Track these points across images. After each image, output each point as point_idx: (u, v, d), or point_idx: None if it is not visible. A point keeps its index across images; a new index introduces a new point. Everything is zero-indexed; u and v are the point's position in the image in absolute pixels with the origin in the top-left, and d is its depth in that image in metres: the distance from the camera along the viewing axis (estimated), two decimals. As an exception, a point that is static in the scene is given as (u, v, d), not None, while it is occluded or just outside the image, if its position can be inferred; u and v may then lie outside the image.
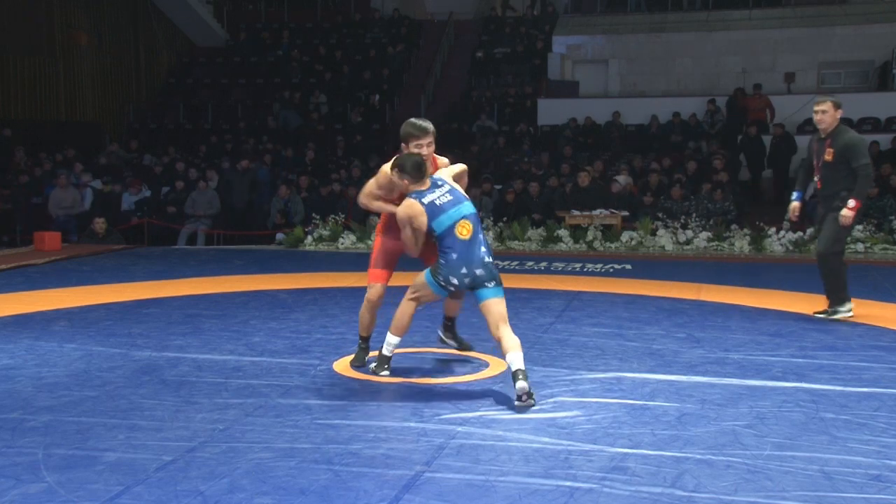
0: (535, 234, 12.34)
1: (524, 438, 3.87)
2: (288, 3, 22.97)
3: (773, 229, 12.06)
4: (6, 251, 11.56)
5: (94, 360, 5.40)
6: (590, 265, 10.08)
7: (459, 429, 4.00)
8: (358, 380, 4.92)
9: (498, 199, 13.71)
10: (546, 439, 3.86)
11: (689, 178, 13.92)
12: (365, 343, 5.32)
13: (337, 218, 13.00)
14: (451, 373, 5.09)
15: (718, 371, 5.11)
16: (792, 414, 4.23)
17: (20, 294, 8.01)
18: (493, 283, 4.70)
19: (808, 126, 16.62)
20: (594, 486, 3.32)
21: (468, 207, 4.80)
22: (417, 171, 4.80)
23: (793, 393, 4.61)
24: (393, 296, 5.39)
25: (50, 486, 3.31)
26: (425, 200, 4.74)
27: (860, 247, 11.51)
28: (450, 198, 4.78)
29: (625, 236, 12.24)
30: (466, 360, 5.42)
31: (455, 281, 4.73)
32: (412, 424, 4.07)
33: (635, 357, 5.48)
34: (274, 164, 16.11)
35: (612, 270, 9.70)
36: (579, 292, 7.98)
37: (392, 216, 5.05)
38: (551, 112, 17.79)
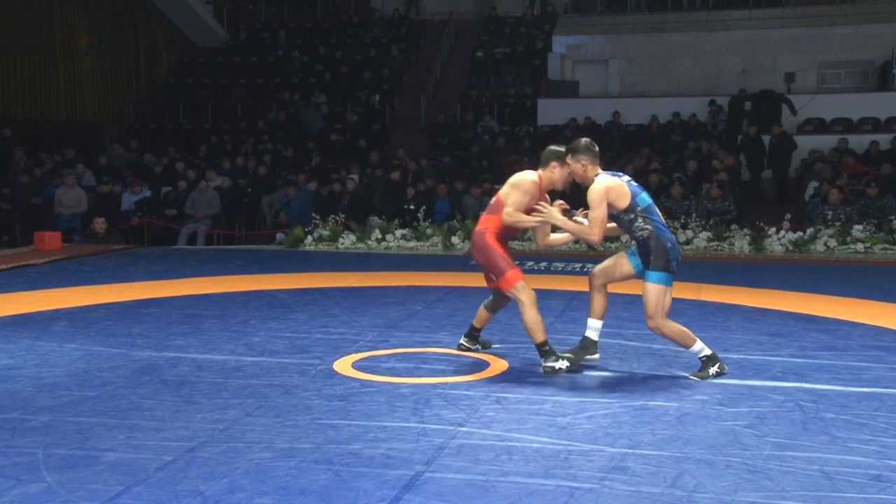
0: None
1: (524, 438, 3.87)
2: (288, 3, 22.97)
3: (773, 229, 12.06)
4: (6, 251, 11.56)
5: (94, 360, 5.40)
6: (590, 265, 10.06)
7: (460, 429, 4.00)
8: (358, 379, 4.92)
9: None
10: (546, 439, 3.86)
11: (689, 178, 13.92)
12: (547, 345, 5.09)
13: (337, 218, 13.00)
14: (451, 373, 5.09)
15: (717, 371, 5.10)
16: (792, 414, 4.23)
17: (20, 294, 8.00)
18: None
19: (807, 126, 16.65)
20: (594, 485, 3.31)
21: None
22: (592, 150, 5.02)
23: (793, 393, 4.61)
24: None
25: (50, 486, 3.30)
26: (623, 178, 4.92)
27: (860, 247, 11.51)
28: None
29: (624, 236, 12.22)
30: (466, 361, 5.42)
31: (675, 265, 4.90)
32: (412, 424, 4.07)
33: (635, 357, 5.48)
34: (273, 163, 16.12)
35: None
36: (579, 292, 7.97)
37: (505, 227, 5.16)
38: (551, 112, 17.79)
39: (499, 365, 5.26)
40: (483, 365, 5.27)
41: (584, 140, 5.12)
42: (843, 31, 18.50)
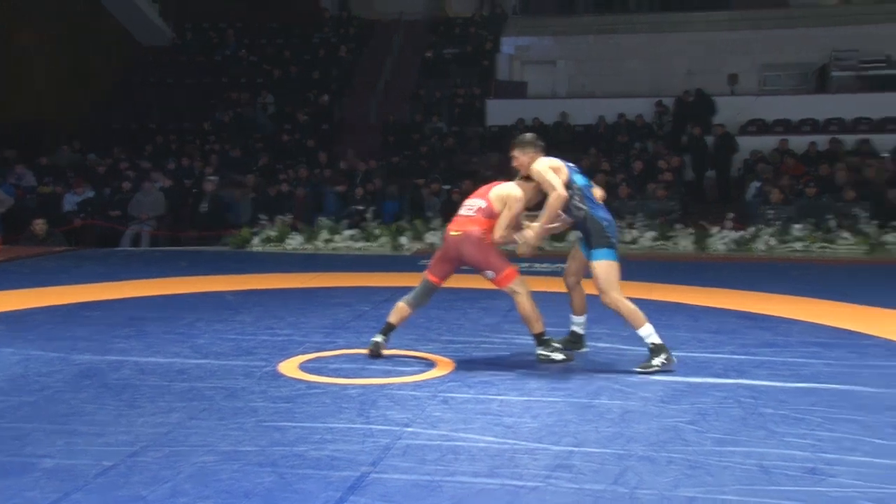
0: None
1: (470, 438, 3.88)
2: (235, 2, 22.74)
3: (716, 228, 12.27)
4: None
5: (32, 364, 5.29)
6: (537, 265, 10.13)
7: (406, 429, 4.00)
8: (304, 381, 4.90)
9: (446, 200, 13.73)
10: (492, 438, 3.88)
11: (634, 178, 14.09)
12: (545, 335, 5.35)
13: (284, 219, 12.91)
14: (397, 373, 5.09)
15: (661, 369, 5.17)
16: (732, 410, 4.31)
17: (-43, 297, 7.81)
18: None
19: (750, 127, 16.97)
20: (539, 484, 3.34)
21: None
22: (538, 143, 5.43)
23: (733, 389, 4.70)
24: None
25: (-15, 494, 3.23)
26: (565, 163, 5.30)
27: (799, 245, 11.76)
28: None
29: (571, 236, 12.34)
30: (413, 361, 5.42)
31: (614, 241, 5.20)
32: (358, 425, 4.06)
33: (580, 356, 5.54)
34: (220, 164, 15.95)
35: (559, 270, 9.72)
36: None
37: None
38: (500, 112, 17.88)
39: (446, 365, 5.27)
40: (430, 365, 5.28)
41: (531, 135, 5.55)
42: (783, 34, 18.89)
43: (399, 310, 5.54)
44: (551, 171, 5.18)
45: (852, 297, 7.88)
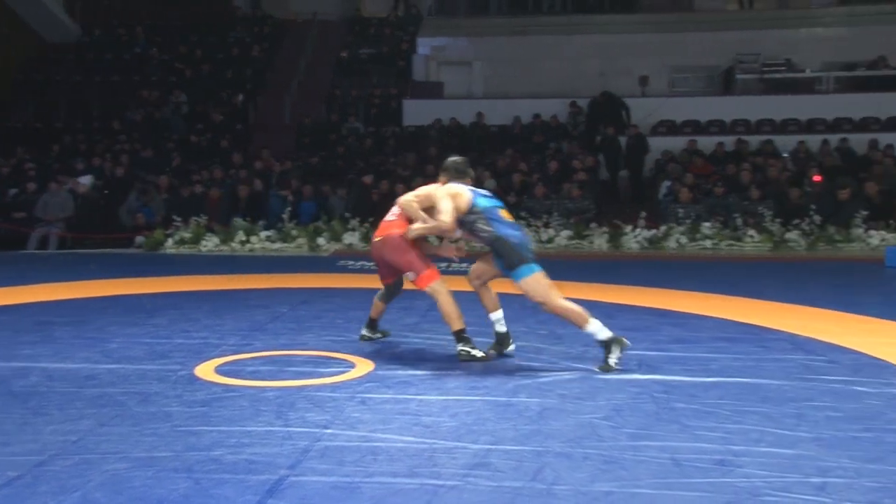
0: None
1: (389, 438, 3.88)
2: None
3: (630, 227, 12.54)
4: None
5: (-67, 373, 5.08)
6: (455, 265, 10.18)
7: (325, 431, 3.97)
8: (221, 384, 4.82)
9: (362, 199, 13.70)
10: (411, 438, 3.88)
11: (550, 178, 14.29)
12: (465, 333, 5.43)
13: (199, 220, 12.69)
14: (316, 375, 5.05)
15: (578, 366, 5.27)
16: (646, 405, 4.41)
17: None
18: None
19: (660, 127, 17.39)
20: (458, 482, 3.36)
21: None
22: (457, 169, 5.63)
23: (647, 385, 4.81)
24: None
25: None
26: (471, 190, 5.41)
27: (709, 243, 12.11)
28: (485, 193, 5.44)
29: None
30: (332, 362, 5.39)
31: (530, 255, 5.25)
32: (276, 428, 4.02)
33: (499, 354, 5.58)
34: (131, 164, 15.58)
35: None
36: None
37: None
38: (417, 113, 17.93)
39: (364, 366, 5.26)
40: (349, 366, 5.26)
41: (453, 160, 5.77)
42: (691, 37, 19.44)
43: (375, 305, 6.00)
44: (448, 198, 5.32)
45: (758, 293, 8.15)
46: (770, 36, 18.99)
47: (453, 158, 5.80)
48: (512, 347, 5.64)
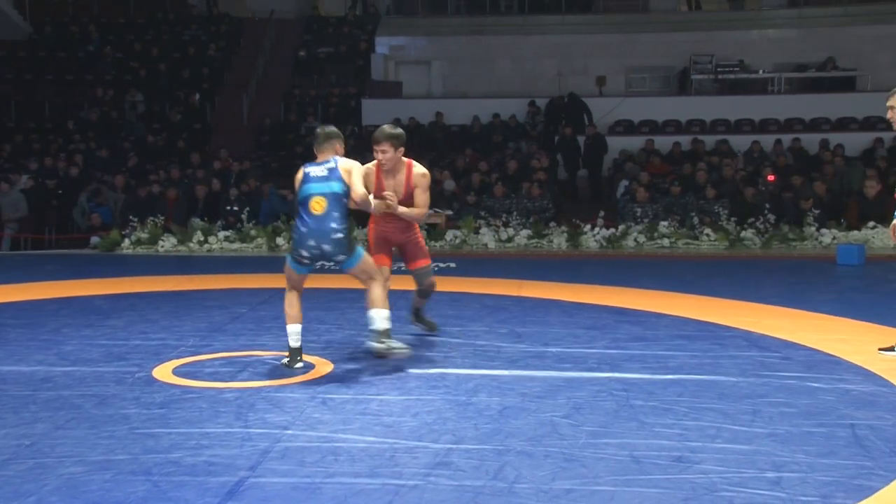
0: (360, 233, 12.35)
1: (350, 439, 3.88)
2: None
3: (588, 226, 12.64)
4: None
5: None
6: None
7: (285, 432, 3.96)
8: (179, 386, 4.78)
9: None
10: (372, 438, 3.88)
11: (509, 178, 14.34)
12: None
13: (156, 220, 12.54)
14: (276, 376, 5.03)
15: (538, 364, 5.30)
16: (605, 403, 4.45)
17: None
18: (344, 256, 5.11)
19: (618, 127, 17.54)
20: (419, 482, 3.37)
21: (330, 188, 5.08)
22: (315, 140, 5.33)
23: (606, 383, 4.85)
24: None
25: None
26: (307, 169, 5.19)
27: (666, 242, 12.24)
28: (323, 174, 5.12)
29: (449, 235, 12.48)
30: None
31: (305, 253, 5.10)
32: (236, 430, 4.00)
33: (459, 353, 5.60)
34: (86, 163, 15.35)
35: (436, 269, 9.80)
36: (404, 291, 8.05)
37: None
38: (376, 112, 17.87)
39: (324, 366, 5.25)
40: (309, 367, 5.24)
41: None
42: (646, 38, 19.64)
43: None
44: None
45: (714, 291, 8.27)
46: (723, 37, 19.26)
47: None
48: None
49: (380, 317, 5.24)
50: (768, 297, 7.83)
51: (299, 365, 5.14)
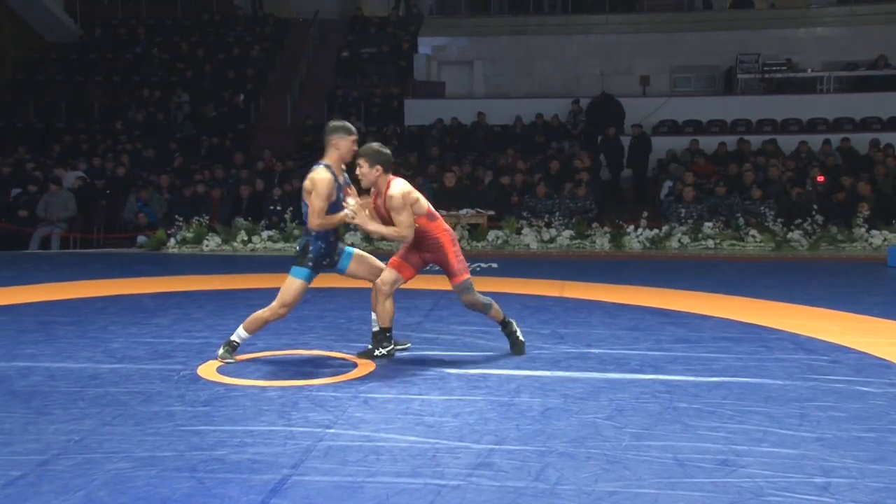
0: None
1: (392, 438, 3.88)
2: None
3: (632, 227, 12.53)
4: None
5: (-64, 372, 5.08)
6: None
7: (327, 431, 3.98)
8: (223, 384, 4.82)
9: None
10: (414, 438, 3.89)
11: (551, 178, 14.28)
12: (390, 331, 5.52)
13: (201, 220, 12.69)
14: (318, 375, 5.06)
15: (580, 366, 5.27)
16: (648, 405, 4.41)
17: None
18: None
19: (662, 128, 17.38)
20: (461, 482, 3.36)
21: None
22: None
23: (649, 385, 4.81)
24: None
25: None
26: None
27: (710, 243, 12.10)
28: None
29: (491, 235, 12.46)
30: (333, 362, 5.39)
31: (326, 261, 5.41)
32: (279, 428, 4.02)
33: (501, 354, 5.59)
34: (132, 163, 15.59)
35: (478, 269, 9.84)
36: (447, 291, 8.05)
37: None
38: (418, 112, 17.92)
39: (366, 366, 5.26)
40: (350, 366, 5.26)
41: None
42: (692, 37, 19.41)
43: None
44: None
45: (760, 293, 8.15)
46: (770, 36, 18.97)
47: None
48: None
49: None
50: (816, 300, 7.71)
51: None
